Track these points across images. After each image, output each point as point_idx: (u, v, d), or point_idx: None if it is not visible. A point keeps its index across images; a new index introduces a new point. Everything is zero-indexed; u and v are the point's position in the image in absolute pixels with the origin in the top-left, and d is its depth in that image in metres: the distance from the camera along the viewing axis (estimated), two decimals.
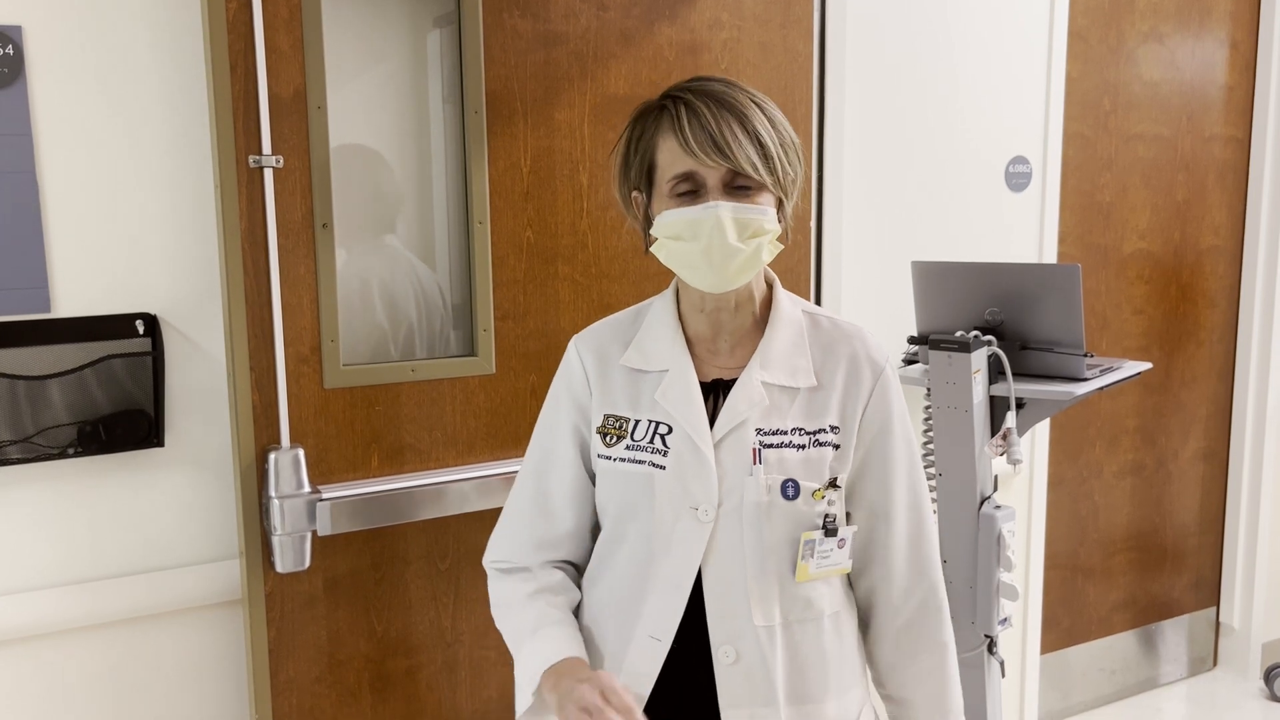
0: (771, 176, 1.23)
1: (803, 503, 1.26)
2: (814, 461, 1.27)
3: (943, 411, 2.08)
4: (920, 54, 2.48)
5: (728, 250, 1.21)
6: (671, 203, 1.24)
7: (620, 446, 1.32)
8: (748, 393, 1.28)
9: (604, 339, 1.38)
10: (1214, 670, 3.47)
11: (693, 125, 1.21)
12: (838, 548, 1.29)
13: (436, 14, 1.97)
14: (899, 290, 2.45)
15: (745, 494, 1.25)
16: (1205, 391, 3.30)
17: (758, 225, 1.22)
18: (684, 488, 1.27)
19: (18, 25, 1.66)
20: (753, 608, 1.26)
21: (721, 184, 1.21)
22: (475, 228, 1.95)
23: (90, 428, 1.74)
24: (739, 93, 1.24)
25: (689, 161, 1.21)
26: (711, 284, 1.24)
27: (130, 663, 1.84)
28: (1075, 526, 3.10)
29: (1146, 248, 3.09)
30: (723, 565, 1.26)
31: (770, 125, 1.23)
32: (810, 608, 1.29)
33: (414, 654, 1.96)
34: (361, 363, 1.91)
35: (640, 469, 1.29)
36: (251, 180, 1.74)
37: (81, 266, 1.74)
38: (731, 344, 1.33)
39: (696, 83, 1.26)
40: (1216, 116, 3.16)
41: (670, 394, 1.30)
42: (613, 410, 1.33)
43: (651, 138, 1.26)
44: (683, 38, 2.11)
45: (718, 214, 1.20)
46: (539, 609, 1.34)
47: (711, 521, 1.26)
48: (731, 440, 1.27)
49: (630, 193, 1.32)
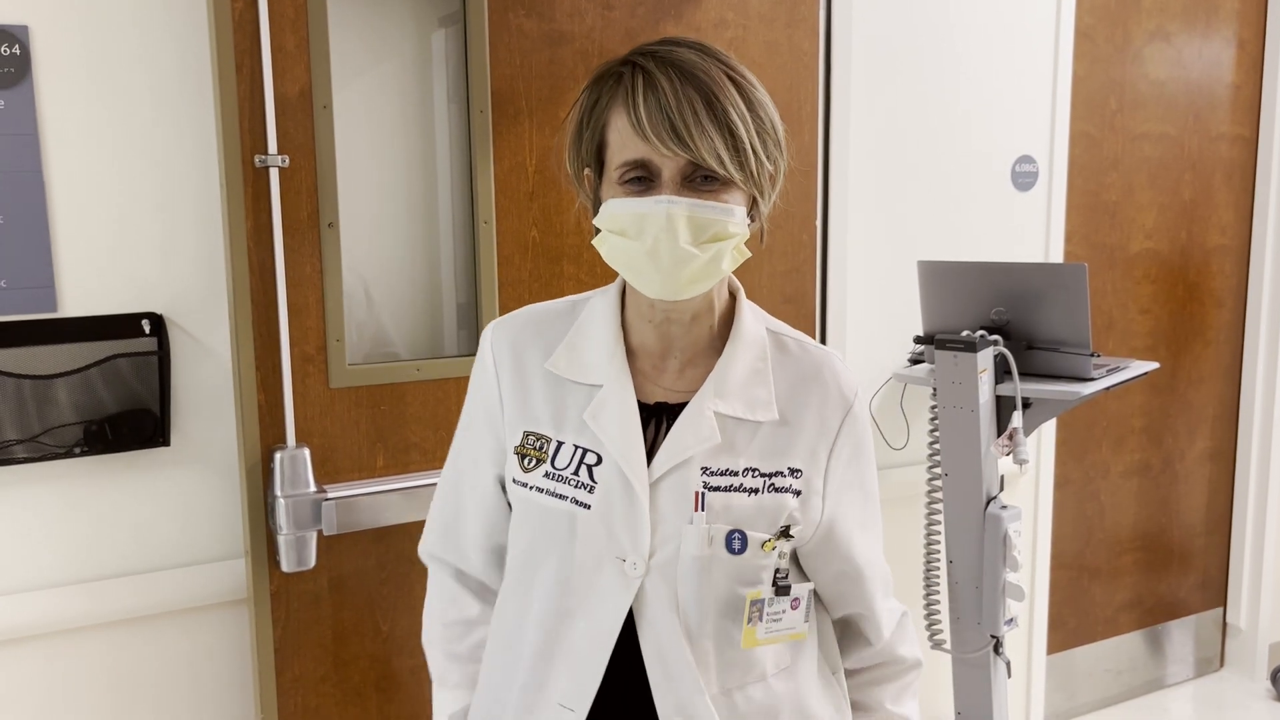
0: (742, 172, 1.01)
1: (750, 556, 1.07)
2: (768, 510, 1.07)
3: (949, 411, 2.08)
4: (926, 53, 2.47)
5: (678, 255, 1.00)
6: (619, 190, 1.04)
7: (538, 473, 1.10)
8: (696, 425, 1.07)
9: (525, 334, 1.15)
10: (1221, 671, 3.46)
11: (648, 103, 0.99)
12: (791, 609, 1.11)
13: (442, 13, 1.97)
14: (905, 290, 2.45)
15: (683, 545, 1.05)
16: (1212, 391, 3.29)
17: (719, 228, 1.01)
18: (609, 533, 1.06)
19: (24, 25, 1.67)
20: (699, 674, 1.08)
21: (679, 176, 1.00)
22: (480, 227, 1.95)
23: (96, 427, 1.74)
24: (713, 64, 1.02)
25: (641, 147, 1.00)
26: (657, 291, 1.04)
27: (136, 662, 1.85)
28: (1081, 526, 3.09)
29: (1153, 247, 3.09)
30: (654, 626, 1.07)
31: (746, 107, 1.01)
32: (752, 670, 1.11)
33: (419, 653, 1.96)
34: (367, 362, 1.91)
35: (560, 505, 1.08)
36: (257, 179, 1.74)
37: (88, 266, 1.74)
38: (682, 362, 1.12)
39: (665, 47, 1.03)
40: (1223, 115, 3.15)
41: (602, 416, 1.08)
42: (534, 427, 1.11)
43: (604, 110, 1.05)
44: (688, 37, 2.10)
45: (668, 210, 0.99)
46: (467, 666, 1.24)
47: (640, 576, 1.06)
48: (671, 480, 1.06)
49: (582, 169, 1.11)
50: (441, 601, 1.27)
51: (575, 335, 1.13)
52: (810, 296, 2.34)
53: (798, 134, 2.27)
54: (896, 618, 1.27)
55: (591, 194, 1.11)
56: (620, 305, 1.14)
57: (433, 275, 2.03)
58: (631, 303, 1.13)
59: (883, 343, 2.50)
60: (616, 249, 1.04)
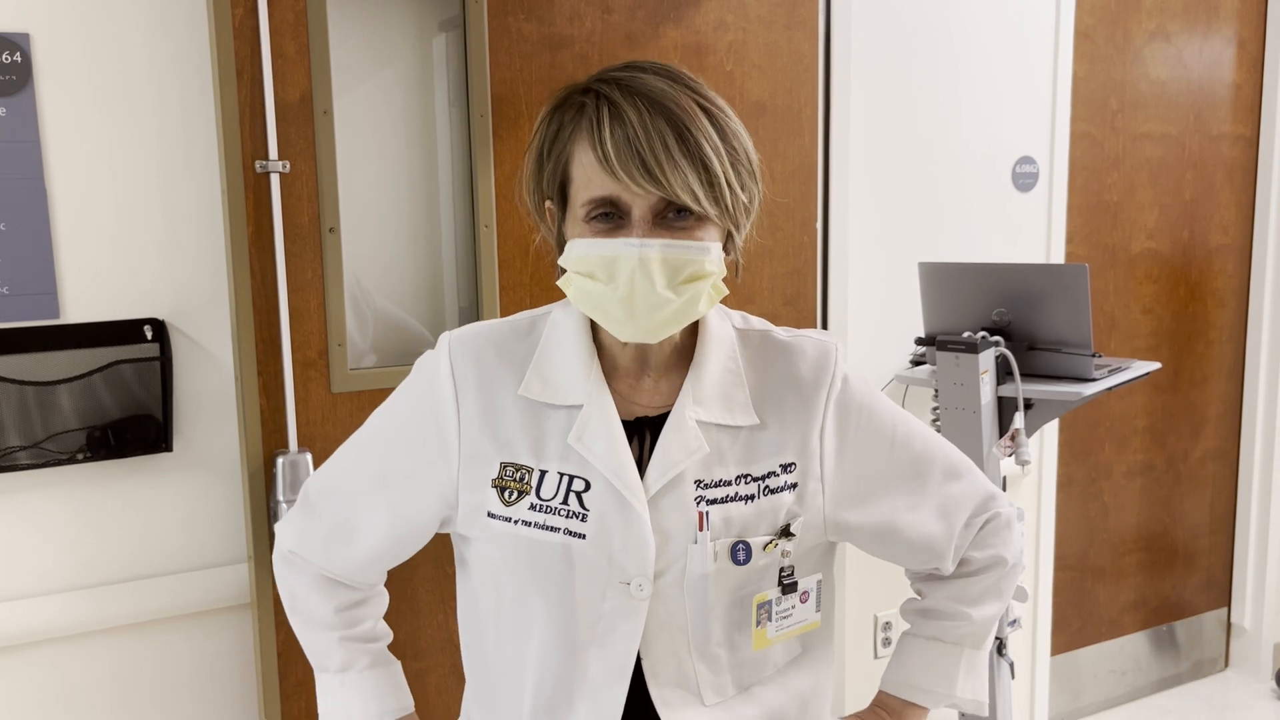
0: (717, 206, 0.95)
1: (754, 562, 1.04)
2: (767, 513, 1.04)
3: (950, 412, 2.08)
4: (926, 54, 2.47)
5: (654, 300, 0.94)
6: (585, 229, 0.97)
7: (522, 505, 1.03)
8: (682, 436, 1.02)
9: (487, 355, 1.06)
10: (1225, 671, 3.45)
11: (615, 137, 0.92)
12: (801, 602, 1.08)
13: (442, 18, 1.97)
14: (906, 291, 2.45)
15: (689, 564, 1.01)
16: (1215, 391, 3.28)
17: (695, 268, 0.95)
18: (609, 560, 1.01)
19: (25, 33, 1.67)
20: (702, 688, 1.05)
21: (650, 214, 0.94)
22: (481, 231, 1.95)
23: (99, 433, 1.74)
24: (682, 93, 0.95)
25: (609, 184, 0.94)
26: (629, 336, 0.98)
27: (140, 667, 1.85)
28: (1085, 527, 3.09)
29: (1155, 247, 3.08)
30: (663, 644, 1.03)
31: (719, 138, 0.95)
32: (765, 666, 1.09)
33: (422, 658, 1.96)
34: (368, 367, 1.91)
35: (552, 538, 1.01)
36: (258, 185, 1.74)
37: (90, 272, 1.75)
38: (657, 375, 1.07)
39: (629, 74, 0.97)
40: (1224, 115, 3.15)
41: (586, 436, 1.01)
42: (511, 457, 1.03)
43: (568, 142, 0.98)
44: (688, 40, 2.11)
45: (643, 255, 0.93)
46: (350, 647, 1.17)
47: (648, 598, 1.01)
48: (669, 497, 1.02)
49: (543, 201, 1.04)
50: (321, 589, 1.16)
51: (542, 357, 1.05)
52: (811, 298, 2.34)
53: (798, 136, 2.27)
54: (969, 535, 1.16)
55: (554, 228, 1.04)
56: (589, 321, 1.06)
57: (434, 279, 2.03)
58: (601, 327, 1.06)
59: (884, 344, 2.49)
60: (585, 293, 0.98)
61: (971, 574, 1.18)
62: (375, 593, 1.22)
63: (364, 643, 1.19)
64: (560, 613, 1.03)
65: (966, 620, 1.18)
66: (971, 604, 1.18)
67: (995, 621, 1.20)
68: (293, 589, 1.18)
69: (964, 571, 1.18)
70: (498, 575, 1.07)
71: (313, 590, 1.17)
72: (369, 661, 1.19)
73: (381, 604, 1.23)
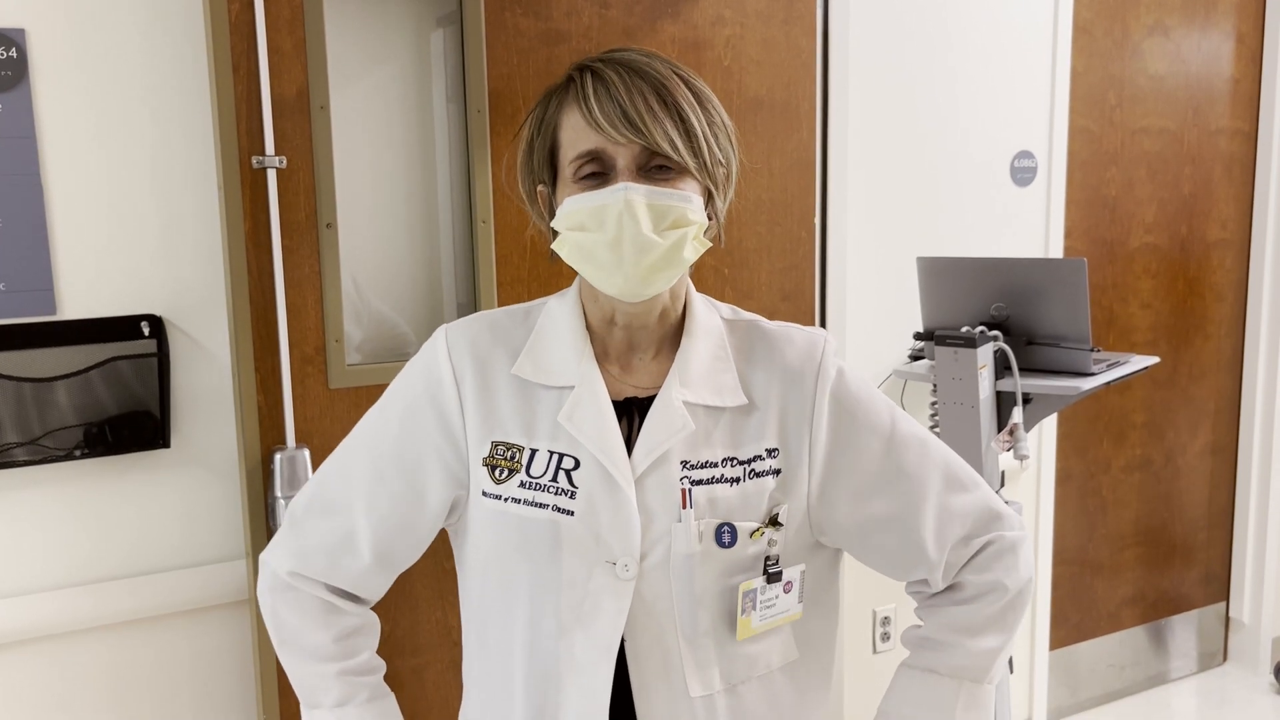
0: (695, 159, 1.00)
1: (740, 547, 1.04)
2: (752, 497, 1.06)
3: (949, 407, 2.08)
4: (924, 49, 2.47)
5: (641, 243, 0.98)
6: (575, 188, 1.02)
7: (512, 484, 1.05)
8: (668, 416, 1.05)
9: (483, 340, 1.10)
10: (1224, 665, 3.46)
11: (599, 95, 1.00)
12: (784, 593, 1.08)
13: (439, 13, 1.97)
14: (904, 286, 2.44)
15: (674, 544, 1.02)
16: (1213, 385, 3.29)
17: (679, 214, 1.00)
18: (596, 538, 1.03)
19: (21, 28, 1.67)
20: (689, 677, 1.05)
21: (634, 164, 0.99)
22: (479, 227, 1.95)
23: (96, 429, 1.74)
24: (660, 63, 1.03)
25: (594, 137, 1.00)
26: (621, 288, 1.01)
27: (137, 663, 1.85)
28: (1083, 522, 3.09)
29: (1153, 242, 3.08)
30: (649, 629, 1.04)
31: (695, 101, 1.02)
32: (756, 665, 1.09)
33: (420, 653, 1.96)
34: (366, 362, 1.91)
35: (541, 514, 1.04)
36: (255, 181, 1.74)
37: (87, 269, 1.74)
38: (647, 358, 1.10)
39: (610, 52, 1.05)
40: (1223, 109, 3.14)
41: (577, 415, 1.04)
42: (502, 436, 1.06)
43: (555, 114, 1.05)
44: (685, 35, 2.10)
45: (628, 197, 0.98)
46: (345, 681, 1.14)
47: (634, 578, 1.03)
48: (654, 477, 1.04)
49: (535, 187, 1.10)
50: (320, 616, 1.15)
51: (536, 341, 1.09)
52: (809, 293, 2.34)
53: (796, 131, 2.27)
54: (964, 553, 1.12)
55: (547, 209, 1.09)
56: (582, 307, 1.10)
57: (431, 275, 2.03)
58: (593, 309, 1.10)
59: (883, 339, 2.49)
60: (577, 245, 1.02)
61: (968, 600, 1.15)
62: (371, 619, 1.20)
63: (362, 675, 1.17)
64: (548, 590, 1.05)
65: (963, 651, 1.14)
66: (970, 634, 1.14)
67: (998, 655, 1.15)
68: (283, 620, 1.15)
69: (961, 597, 1.15)
70: (488, 558, 1.09)
71: (308, 619, 1.15)
72: (368, 695, 1.17)
73: (376, 632, 1.21)
